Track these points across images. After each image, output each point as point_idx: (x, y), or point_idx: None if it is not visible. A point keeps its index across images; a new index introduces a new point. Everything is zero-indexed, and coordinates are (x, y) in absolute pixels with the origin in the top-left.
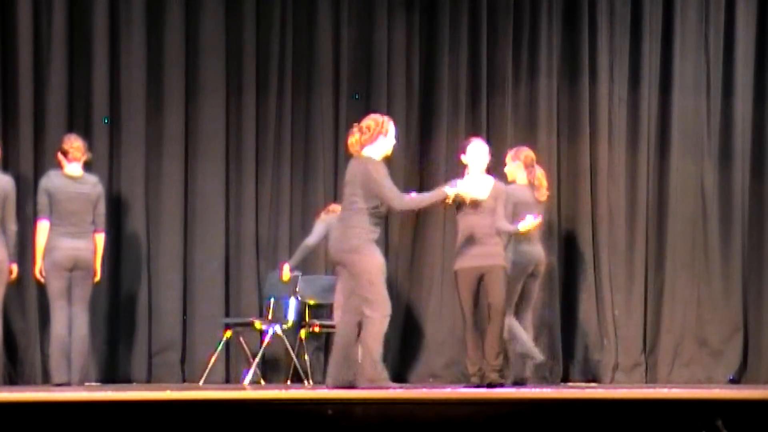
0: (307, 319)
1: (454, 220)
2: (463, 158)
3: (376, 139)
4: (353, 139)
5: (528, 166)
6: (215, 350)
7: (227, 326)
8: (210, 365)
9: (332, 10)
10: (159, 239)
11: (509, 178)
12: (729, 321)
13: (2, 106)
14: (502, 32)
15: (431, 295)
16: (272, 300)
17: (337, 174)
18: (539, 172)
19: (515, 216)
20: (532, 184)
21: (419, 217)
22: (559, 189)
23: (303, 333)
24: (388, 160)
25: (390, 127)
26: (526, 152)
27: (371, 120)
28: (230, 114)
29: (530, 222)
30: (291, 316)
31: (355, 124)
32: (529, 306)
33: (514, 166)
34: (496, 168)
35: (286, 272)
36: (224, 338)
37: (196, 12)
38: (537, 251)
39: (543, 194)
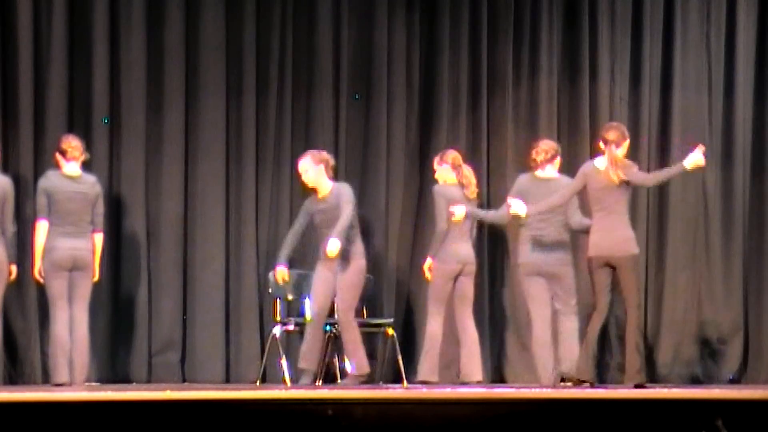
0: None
1: None
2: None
3: (554, 160)
4: (540, 158)
5: (455, 167)
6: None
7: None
8: (263, 365)
9: (332, 10)
10: (159, 239)
11: (439, 182)
12: (729, 321)
13: (2, 106)
14: (503, 32)
15: None
16: (278, 299)
17: (337, 174)
18: (467, 171)
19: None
20: (461, 183)
21: (419, 216)
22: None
23: None
24: (387, 160)
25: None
26: (453, 154)
27: (547, 145)
28: (230, 114)
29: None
30: (308, 314)
31: (535, 144)
32: (467, 306)
33: (443, 170)
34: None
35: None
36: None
37: (196, 12)
38: (464, 250)
39: (472, 192)
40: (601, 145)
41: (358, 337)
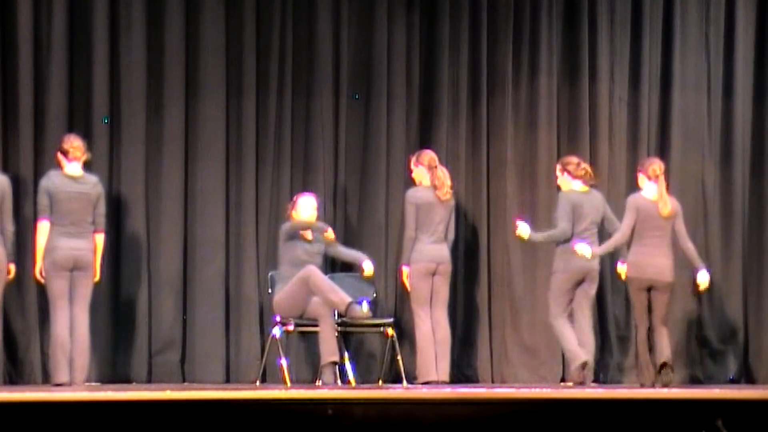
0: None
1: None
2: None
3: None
4: (581, 173)
5: (431, 168)
6: (265, 350)
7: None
8: (263, 365)
9: (332, 10)
10: (159, 239)
11: (416, 182)
12: (729, 321)
13: (2, 106)
14: (502, 32)
15: None
16: None
17: (337, 174)
18: (441, 173)
19: (419, 217)
20: (434, 185)
21: None
22: (559, 189)
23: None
24: (387, 160)
25: None
26: (429, 155)
27: (577, 158)
28: (230, 114)
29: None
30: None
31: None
32: (441, 306)
33: (418, 171)
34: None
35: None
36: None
37: (196, 12)
38: (437, 251)
39: (445, 193)
40: (647, 177)
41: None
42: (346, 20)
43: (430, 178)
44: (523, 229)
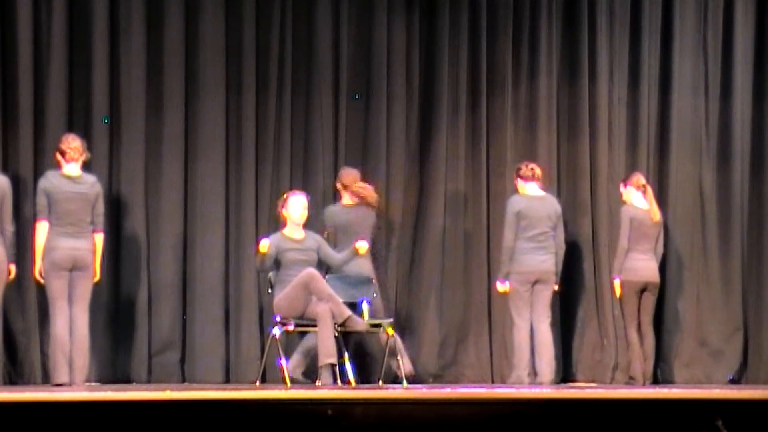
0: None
1: (452, 221)
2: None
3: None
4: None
5: (345, 187)
6: (265, 350)
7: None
8: (263, 365)
9: (332, 10)
10: (159, 239)
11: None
12: (729, 321)
13: (2, 106)
14: (502, 32)
15: (431, 295)
16: None
17: (337, 174)
18: (358, 188)
19: (338, 237)
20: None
21: (419, 215)
22: (559, 189)
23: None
24: (387, 160)
25: None
26: (351, 175)
27: (528, 161)
28: (230, 114)
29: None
30: (366, 317)
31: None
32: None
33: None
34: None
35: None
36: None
37: (196, 12)
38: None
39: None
40: (634, 188)
41: None
42: (345, 20)
43: (349, 195)
44: (500, 287)
